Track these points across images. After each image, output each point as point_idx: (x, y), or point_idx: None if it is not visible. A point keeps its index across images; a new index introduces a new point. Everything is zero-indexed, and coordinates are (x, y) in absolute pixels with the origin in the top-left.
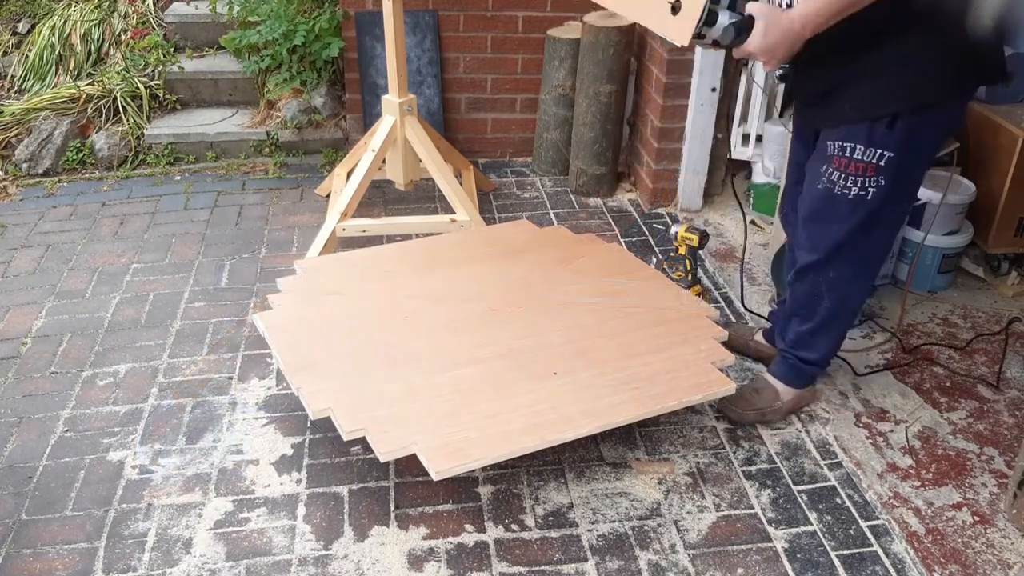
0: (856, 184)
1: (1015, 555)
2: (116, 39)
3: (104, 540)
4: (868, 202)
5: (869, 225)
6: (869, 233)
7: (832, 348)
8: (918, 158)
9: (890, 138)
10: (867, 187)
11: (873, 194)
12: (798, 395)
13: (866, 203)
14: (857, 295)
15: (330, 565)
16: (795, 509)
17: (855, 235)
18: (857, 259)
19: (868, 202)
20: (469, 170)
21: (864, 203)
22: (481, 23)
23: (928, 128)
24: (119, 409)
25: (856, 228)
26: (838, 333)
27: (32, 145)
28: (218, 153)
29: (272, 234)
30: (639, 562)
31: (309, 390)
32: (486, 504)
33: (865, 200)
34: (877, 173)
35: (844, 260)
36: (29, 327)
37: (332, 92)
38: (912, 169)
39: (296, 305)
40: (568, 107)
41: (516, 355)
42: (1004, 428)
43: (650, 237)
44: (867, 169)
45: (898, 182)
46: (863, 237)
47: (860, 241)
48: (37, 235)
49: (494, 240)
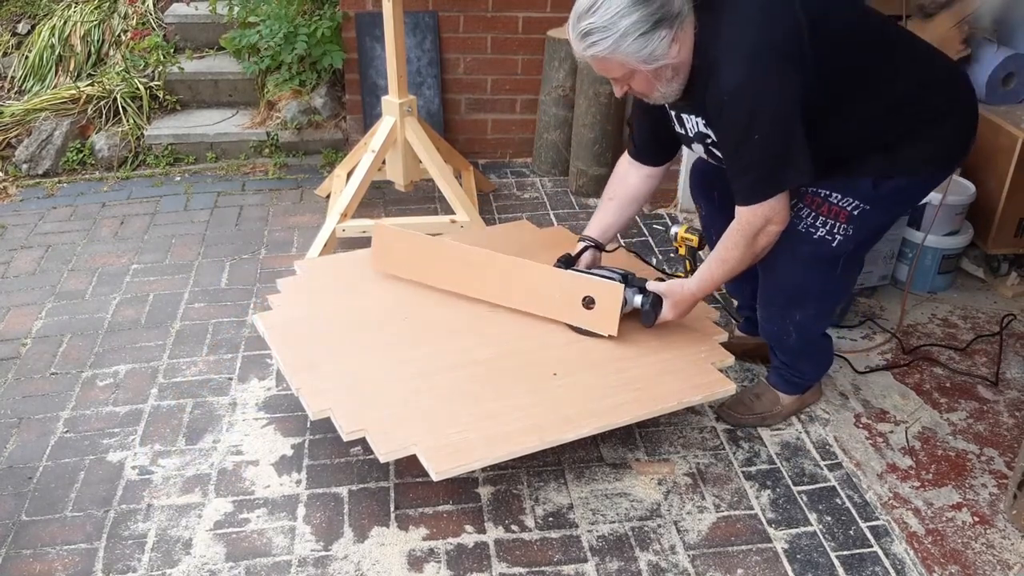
0: (824, 227)
1: (1015, 556)
2: (116, 40)
3: (104, 541)
4: (831, 248)
5: (825, 268)
6: (825, 274)
7: (819, 365)
8: (892, 215)
9: (872, 194)
10: (835, 232)
11: (839, 241)
12: (800, 398)
13: (829, 248)
14: (822, 327)
15: (330, 566)
16: (795, 510)
17: (814, 275)
18: (814, 297)
19: (831, 248)
20: (469, 171)
21: (827, 248)
22: (481, 24)
23: (914, 191)
24: (119, 410)
25: (815, 269)
26: (818, 355)
27: (32, 146)
28: (218, 154)
29: (272, 235)
30: (639, 563)
31: (309, 391)
32: (486, 505)
33: (829, 245)
34: (848, 221)
35: (805, 300)
36: (29, 328)
37: (332, 93)
38: (882, 223)
39: (296, 306)
40: (568, 108)
41: (516, 355)
42: (1004, 429)
43: (650, 238)
44: (839, 214)
45: (863, 232)
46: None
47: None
48: (37, 236)
49: (494, 241)
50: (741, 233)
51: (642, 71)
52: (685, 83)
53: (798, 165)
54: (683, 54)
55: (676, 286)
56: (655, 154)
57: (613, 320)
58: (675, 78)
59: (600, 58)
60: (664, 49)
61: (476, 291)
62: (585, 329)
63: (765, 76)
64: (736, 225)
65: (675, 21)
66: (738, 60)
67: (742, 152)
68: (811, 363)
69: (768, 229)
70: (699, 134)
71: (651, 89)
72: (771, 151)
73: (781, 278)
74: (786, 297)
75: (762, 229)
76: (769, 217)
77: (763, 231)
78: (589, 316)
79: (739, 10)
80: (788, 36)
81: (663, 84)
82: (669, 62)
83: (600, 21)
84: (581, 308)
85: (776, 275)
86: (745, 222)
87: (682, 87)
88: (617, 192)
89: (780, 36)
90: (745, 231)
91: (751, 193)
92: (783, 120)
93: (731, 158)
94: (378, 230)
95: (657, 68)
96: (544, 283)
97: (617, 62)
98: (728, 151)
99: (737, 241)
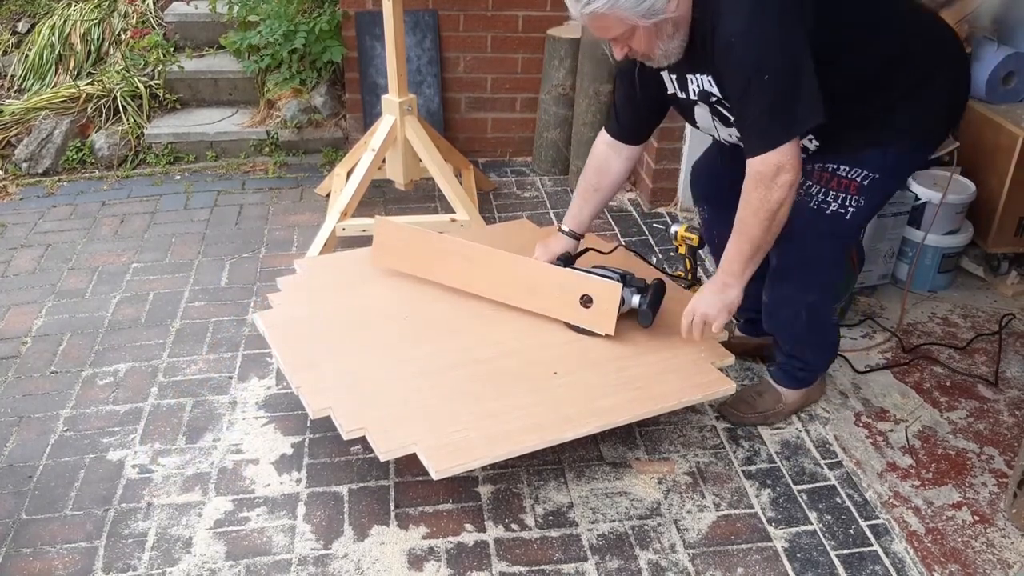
0: (836, 201)
1: (1015, 554)
2: (116, 39)
3: (104, 539)
4: (846, 221)
5: (840, 243)
6: (839, 251)
7: (825, 353)
8: (895, 185)
9: (881, 162)
10: (847, 205)
11: (852, 213)
12: (803, 394)
13: (844, 222)
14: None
15: (330, 564)
16: (795, 508)
17: (828, 252)
18: (828, 276)
19: (846, 221)
20: (469, 170)
21: (842, 222)
22: (481, 23)
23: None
24: (119, 408)
25: (830, 245)
26: (825, 342)
27: (32, 145)
28: (218, 152)
29: (272, 233)
30: (639, 561)
31: (309, 389)
32: (486, 503)
33: (843, 219)
34: (859, 192)
35: (820, 279)
36: (29, 326)
37: (332, 91)
38: (887, 194)
39: (296, 304)
40: (568, 106)
41: (516, 355)
42: (1004, 428)
43: (650, 237)
44: (849, 186)
45: (872, 204)
46: (835, 254)
47: (832, 258)
48: (37, 234)
49: (494, 240)
50: (754, 185)
51: (642, 27)
52: (686, 40)
53: (810, 103)
54: (682, 8)
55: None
56: (637, 131)
57: (610, 319)
58: (676, 34)
59: (599, 15)
60: (663, 3)
61: (475, 287)
62: (583, 328)
63: (772, 19)
64: (747, 182)
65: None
66: (742, 6)
67: (752, 94)
68: (817, 351)
69: (780, 179)
70: (703, 93)
71: (652, 48)
72: (782, 90)
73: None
74: (801, 272)
75: (774, 179)
76: (781, 164)
77: (775, 181)
78: (587, 315)
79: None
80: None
81: (664, 41)
82: (668, 16)
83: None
84: (579, 306)
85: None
86: (756, 172)
87: (683, 44)
88: (603, 183)
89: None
90: (757, 181)
91: (762, 139)
92: (792, 56)
93: (740, 104)
94: (379, 224)
95: (657, 22)
96: (543, 280)
97: (616, 18)
98: (737, 96)
99: (752, 199)
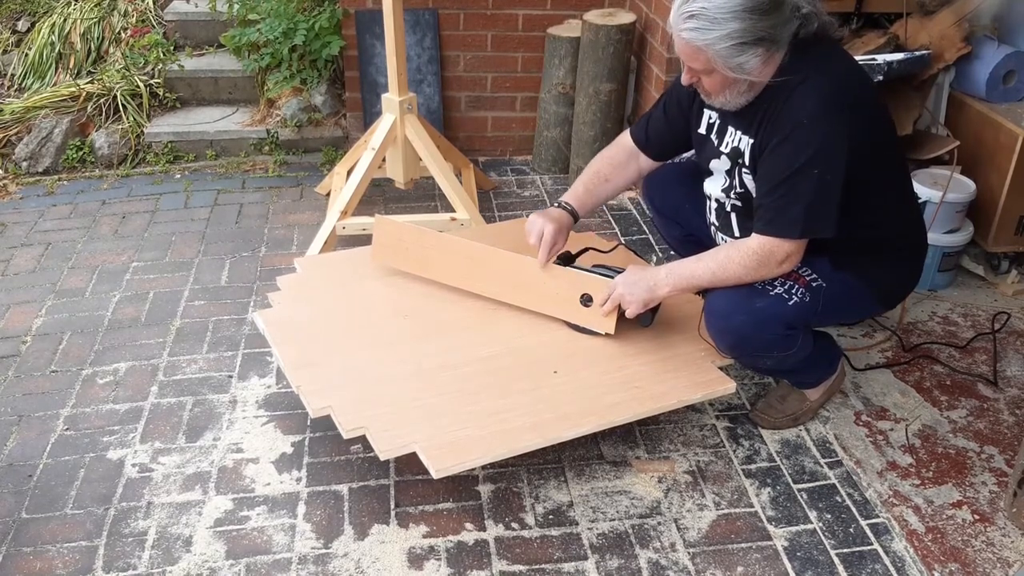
0: (783, 286)
1: (1015, 553)
2: (116, 37)
3: (104, 538)
4: (788, 307)
5: (778, 321)
6: (782, 336)
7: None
8: (840, 306)
9: (829, 273)
10: (792, 292)
11: (795, 304)
12: (826, 388)
13: (786, 306)
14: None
15: (330, 563)
16: (795, 507)
17: (768, 333)
18: (771, 351)
19: (788, 307)
20: (469, 168)
21: (784, 305)
22: (481, 21)
23: (855, 300)
24: (119, 407)
25: (771, 326)
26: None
27: (32, 143)
28: (218, 151)
29: (272, 232)
30: (639, 560)
31: (309, 388)
32: (486, 502)
33: (786, 303)
34: (807, 288)
35: (765, 354)
36: (29, 325)
37: (332, 90)
38: (835, 309)
39: (296, 303)
40: (568, 105)
41: (516, 354)
42: (1004, 427)
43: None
44: (799, 279)
45: (814, 306)
46: (776, 337)
47: (773, 339)
48: (37, 233)
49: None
50: (756, 258)
51: (722, 74)
52: (751, 101)
53: (834, 214)
54: (765, 75)
55: (642, 266)
56: (661, 151)
57: (610, 318)
58: (747, 92)
59: (692, 44)
60: (754, 65)
61: (475, 285)
62: (583, 327)
63: (844, 121)
64: (750, 251)
65: (775, 45)
66: (820, 92)
67: (796, 180)
68: (815, 368)
69: (783, 267)
70: (735, 151)
71: (719, 93)
72: (822, 190)
73: (735, 328)
74: (743, 350)
75: (779, 264)
76: (791, 254)
77: (779, 267)
78: (587, 314)
79: (832, 58)
80: (864, 101)
81: (734, 94)
82: (751, 78)
83: (712, 11)
84: (579, 305)
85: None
86: (767, 251)
87: (747, 103)
88: (614, 177)
89: (863, 95)
90: (762, 258)
91: (786, 225)
92: (843, 164)
93: (779, 183)
94: (379, 223)
95: (737, 78)
96: (543, 279)
97: (705, 56)
98: (779, 175)
99: (747, 263)
